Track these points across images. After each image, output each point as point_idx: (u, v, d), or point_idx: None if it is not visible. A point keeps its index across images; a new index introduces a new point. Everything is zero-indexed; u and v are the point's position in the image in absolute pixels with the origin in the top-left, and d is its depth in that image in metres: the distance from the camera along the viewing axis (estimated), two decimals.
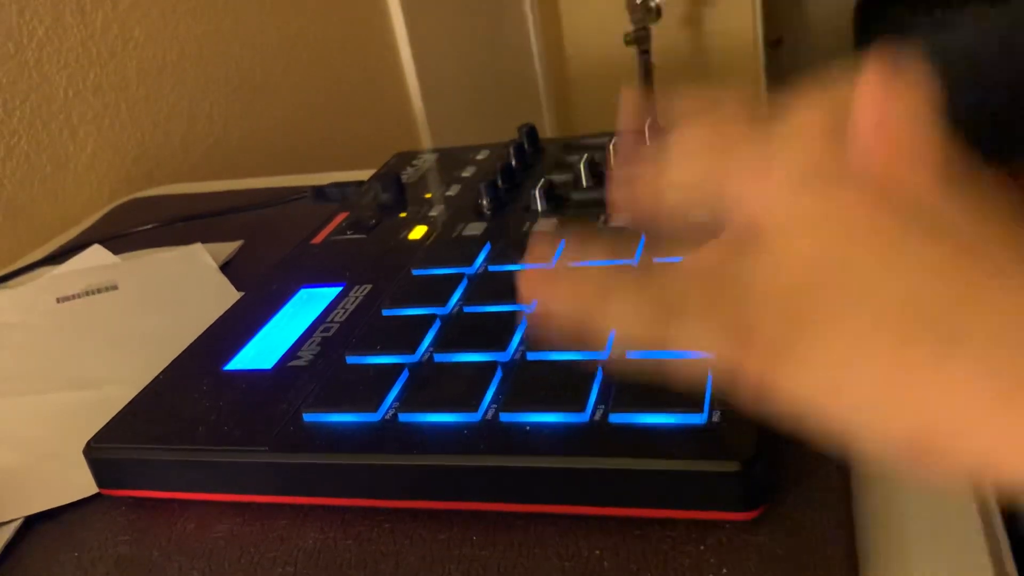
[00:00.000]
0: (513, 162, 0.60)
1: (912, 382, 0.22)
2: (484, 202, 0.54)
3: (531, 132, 0.64)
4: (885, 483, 0.33)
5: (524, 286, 0.26)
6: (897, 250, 0.22)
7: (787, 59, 2.58)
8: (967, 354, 0.21)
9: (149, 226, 0.72)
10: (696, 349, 0.25)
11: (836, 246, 0.23)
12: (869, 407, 0.22)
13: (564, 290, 0.26)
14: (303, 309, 0.46)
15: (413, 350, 0.39)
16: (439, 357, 0.38)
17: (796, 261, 0.24)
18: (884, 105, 0.25)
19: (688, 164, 0.27)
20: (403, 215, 0.57)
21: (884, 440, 0.23)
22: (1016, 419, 0.20)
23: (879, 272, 0.22)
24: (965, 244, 0.22)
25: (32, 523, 0.39)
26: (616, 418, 0.33)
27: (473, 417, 0.34)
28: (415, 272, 0.47)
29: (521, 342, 0.38)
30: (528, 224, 0.51)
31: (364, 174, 0.70)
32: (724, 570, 0.30)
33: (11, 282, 0.66)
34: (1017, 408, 0.20)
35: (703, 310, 0.25)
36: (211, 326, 0.46)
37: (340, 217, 0.58)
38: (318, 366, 0.40)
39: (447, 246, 0.50)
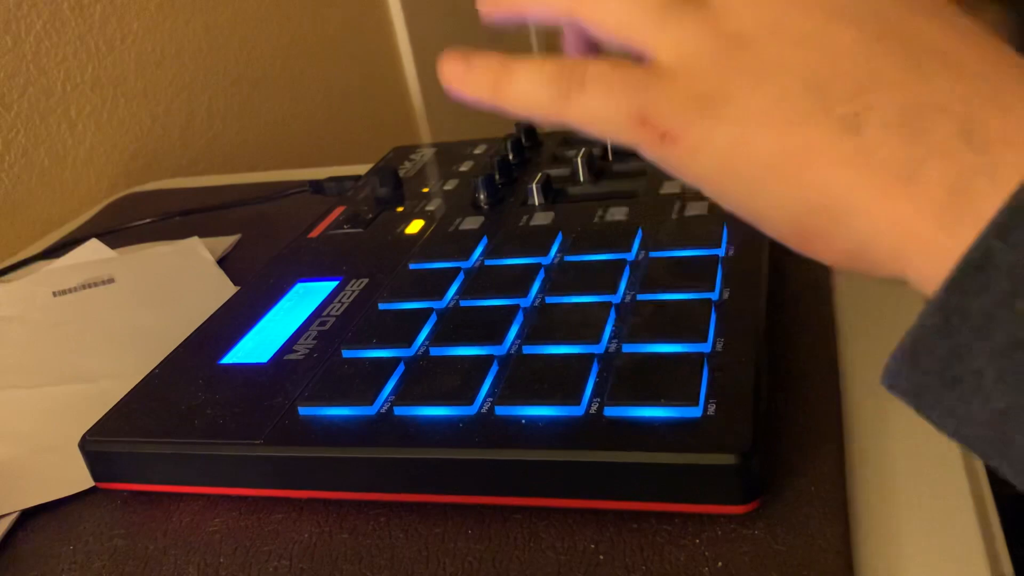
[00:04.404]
0: (510, 156, 0.60)
1: (809, 160, 0.21)
2: (481, 196, 0.54)
3: (529, 127, 0.64)
4: (881, 476, 0.33)
5: (441, 73, 0.28)
6: (823, 21, 0.22)
7: None
8: (866, 136, 0.21)
9: (146, 220, 0.72)
10: (600, 109, 0.25)
11: (772, 6, 0.23)
12: (764, 181, 0.22)
13: (473, 72, 0.28)
14: (300, 303, 0.46)
15: (409, 344, 0.39)
16: (435, 351, 0.38)
17: (730, 21, 0.23)
18: None
19: None
20: (400, 209, 0.57)
21: (776, 217, 0.23)
22: (909, 200, 0.20)
23: (795, 45, 0.22)
24: (884, 31, 0.22)
25: (28, 516, 0.39)
26: (612, 411, 0.33)
27: (469, 410, 0.34)
28: (412, 266, 0.47)
29: (517, 336, 0.38)
30: (525, 218, 0.51)
31: (361, 168, 0.70)
32: (720, 563, 0.30)
33: (8, 276, 0.66)
34: (911, 189, 0.20)
35: (605, 71, 0.25)
36: (207, 320, 0.46)
37: (337, 211, 0.58)
38: (314, 360, 0.40)
39: (444, 240, 0.50)
